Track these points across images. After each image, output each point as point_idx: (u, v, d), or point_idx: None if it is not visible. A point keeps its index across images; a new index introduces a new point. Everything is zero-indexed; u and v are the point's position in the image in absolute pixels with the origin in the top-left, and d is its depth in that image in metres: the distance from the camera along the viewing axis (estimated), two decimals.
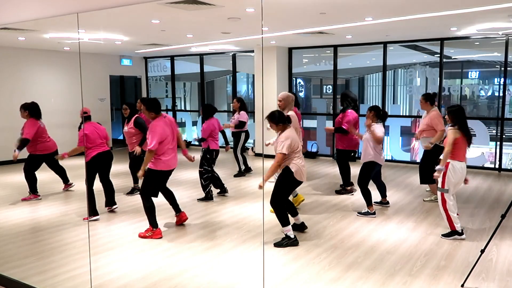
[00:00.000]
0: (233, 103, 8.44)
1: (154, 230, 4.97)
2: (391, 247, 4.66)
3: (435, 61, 9.55)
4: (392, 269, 4.10)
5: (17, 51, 8.60)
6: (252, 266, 4.22)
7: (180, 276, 3.98)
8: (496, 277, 3.92)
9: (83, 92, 4.90)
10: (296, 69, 11.00)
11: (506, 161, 9.92)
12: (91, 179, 5.68)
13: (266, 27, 7.10)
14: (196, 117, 12.91)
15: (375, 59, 10.50)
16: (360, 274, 3.99)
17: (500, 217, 3.71)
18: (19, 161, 6.47)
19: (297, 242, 4.67)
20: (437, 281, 3.85)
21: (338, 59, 10.08)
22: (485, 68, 13.07)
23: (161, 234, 4.97)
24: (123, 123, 6.85)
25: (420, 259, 4.33)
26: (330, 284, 3.81)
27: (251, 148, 10.93)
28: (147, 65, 12.78)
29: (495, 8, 5.44)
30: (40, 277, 3.98)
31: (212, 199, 6.49)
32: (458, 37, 8.52)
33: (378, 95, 13.82)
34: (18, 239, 5.04)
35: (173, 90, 12.64)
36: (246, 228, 5.30)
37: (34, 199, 6.46)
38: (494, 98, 12.60)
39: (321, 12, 5.67)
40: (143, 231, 5.00)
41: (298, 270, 4.11)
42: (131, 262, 4.34)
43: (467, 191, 6.85)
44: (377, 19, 6.42)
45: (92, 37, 7.72)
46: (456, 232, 4.84)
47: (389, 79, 13.82)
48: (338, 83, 10.55)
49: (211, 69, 12.66)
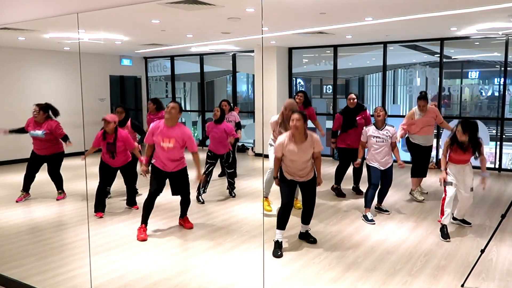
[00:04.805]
0: (222, 106, 7.71)
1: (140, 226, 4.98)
2: (391, 247, 4.66)
3: (435, 61, 9.55)
4: (392, 269, 4.10)
5: (17, 51, 8.60)
6: (252, 266, 4.22)
7: (180, 276, 3.98)
8: (496, 277, 3.92)
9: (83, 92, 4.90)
10: (296, 69, 10.99)
11: (506, 161, 9.92)
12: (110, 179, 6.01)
13: (266, 27, 7.09)
14: (196, 117, 12.91)
15: (375, 59, 10.50)
16: (360, 274, 3.99)
17: (500, 217, 3.71)
18: (19, 161, 6.48)
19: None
20: (437, 281, 3.85)
21: (338, 59, 10.08)
22: (485, 68, 13.06)
23: (143, 235, 4.91)
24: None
25: (420, 259, 4.33)
26: (330, 284, 3.81)
27: (251, 148, 10.93)
28: (147, 65, 12.78)
29: (495, 8, 5.44)
30: (40, 277, 3.98)
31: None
32: (458, 37, 8.52)
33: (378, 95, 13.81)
34: (18, 239, 5.03)
35: (173, 90, 12.64)
36: (246, 228, 5.30)
37: (25, 199, 6.46)
38: (494, 98, 12.59)
39: (321, 12, 5.68)
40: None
41: (298, 270, 4.11)
42: (131, 262, 4.34)
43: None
44: (377, 19, 6.42)
45: (92, 37, 7.71)
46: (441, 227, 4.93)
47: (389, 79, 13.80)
48: (338, 83, 10.55)
49: (211, 69, 12.66)
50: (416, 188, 6.56)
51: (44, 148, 6.35)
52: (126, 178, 6.02)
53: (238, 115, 8.18)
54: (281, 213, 4.58)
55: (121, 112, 6.40)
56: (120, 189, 6.31)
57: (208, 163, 6.47)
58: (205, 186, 6.45)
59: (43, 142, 6.30)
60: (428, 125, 6.45)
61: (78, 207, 6.19)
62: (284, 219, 4.57)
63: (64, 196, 6.63)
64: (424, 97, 6.45)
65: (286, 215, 4.57)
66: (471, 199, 5.07)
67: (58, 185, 6.59)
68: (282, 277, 3.97)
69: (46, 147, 6.33)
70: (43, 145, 6.32)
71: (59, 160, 6.49)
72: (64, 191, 6.65)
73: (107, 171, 5.85)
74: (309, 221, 4.79)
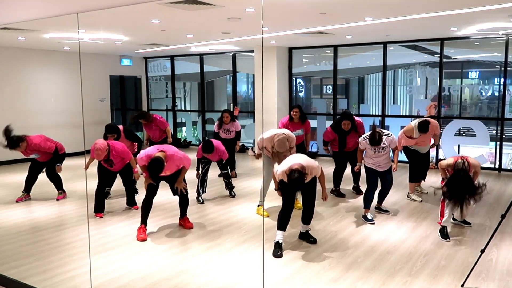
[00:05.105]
0: (224, 117, 7.95)
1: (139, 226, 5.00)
2: (391, 247, 4.66)
3: (435, 61, 9.55)
4: (392, 269, 4.10)
5: (17, 51, 8.60)
6: (252, 266, 4.22)
7: (180, 276, 3.98)
8: (496, 277, 3.92)
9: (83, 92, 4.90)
10: (296, 69, 10.99)
11: (506, 161, 9.92)
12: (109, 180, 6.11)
13: (266, 27, 7.10)
14: (196, 117, 12.90)
15: (375, 59, 10.50)
16: (360, 274, 3.99)
17: (500, 217, 3.71)
18: (19, 161, 6.49)
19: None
20: (437, 281, 3.85)
21: (338, 59, 10.08)
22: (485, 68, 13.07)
23: (143, 235, 4.92)
24: (124, 124, 6.85)
25: (420, 259, 4.33)
26: (330, 284, 3.81)
27: (251, 148, 10.93)
28: (147, 65, 12.78)
29: (495, 8, 5.44)
30: (40, 277, 3.98)
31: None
32: (458, 37, 8.51)
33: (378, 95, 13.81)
34: (18, 239, 5.03)
35: (173, 90, 12.64)
36: (246, 228, 5.30)
37: (25, 200, 6.48)
38: (494, 98, 12.59)
39: (321, 12, 5.67)
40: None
41: (298, 270, 4.11)
42: (131, 262, 4.33)
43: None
44: (377, 19, 6.41)
45: (92, 37, 7.72)
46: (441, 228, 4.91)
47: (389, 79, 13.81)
48: (338, 83, 10.55)
49: (211, 69, 12.66)
50: (413, 192, 6.56)
51: (43, 158, 6.42)
52: (125, 180, 6.02)
53: (239, 114, 8.19)
54: (282, 214, 4.60)
55: (111, 136, 6.42)
56: (120, 190, 6.31)
57: (203, 162, 6.46)
58: (203, 186, 6.45)
59: (40, 156, 6.37)
60: (426, 139, 6.41)
61: (78, 207, 6.19)
62: (285, 221, 4.58)
63: (64, 196, 6.63)
64: (426, 129, 6.13)
65: (287, 217, 4.60)
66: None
67: (57, 185, 6.60)
68: (282, 277, 3.97)
69: (43, 157, 6.41)
70: (41, 158, 6.40)
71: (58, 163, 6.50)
72: (64, 191, 6.65)
73: (106, 174, 5.87)
74: (309, 222, 4.80)
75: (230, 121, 7.97)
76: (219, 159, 6.56)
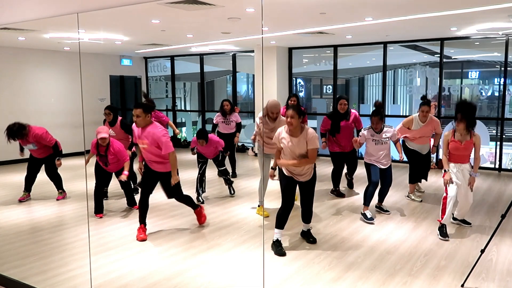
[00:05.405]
0: (224, 105, 8.01)
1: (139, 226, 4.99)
2: (391, 247, 4.66)
3: (435, 61, 9.56)
4: (392, 269, 4.10)
5: (17, 51, 8.61)
6: (252, 266, 4.22)
7: (180, 276, 3.98)
8: (496, 277, 3.92)
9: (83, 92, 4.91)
10: (296, 69, 11.00)
11: (506, 161, 9.93)
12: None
13: (266, 27, 7.10)
14: (196, 117, 12.91)
15: (375, 59, 10.51)
16: (360, 274, 3.99)
17: (500, 217, 3.71)
18: (19, 161, 6.48)
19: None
20: (437, 281, 3.85)
21: (338, 59, 10.08)
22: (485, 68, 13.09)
23: (142, 235, 4.91)
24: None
25: (420, 259, 4.33)
26: (330, 284, 3.81)
27: (251, 148, 10.93)
28: (147, 65, 12.79)
29: (495, 8, 5.44)
30: (40, 277, 3.98)
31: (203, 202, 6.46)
32: (458, 37, 8.52)
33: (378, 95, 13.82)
34: (18, 239, 5.03)
35: (173, 90, 12.65)
36: (246, 228, 5.30)
37: (27, 199, 6.48)
38: (494, 98, 12.60)
39: (321, 12, 5.67)
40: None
41: (298, 270, 4.11)
42: (131, 262, 4.33)
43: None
44: (377, 19, 6.42)
45: (92, 37, 7.72)
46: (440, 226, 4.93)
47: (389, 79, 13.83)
48: (338, 83, 10.55)
49: (211, 69, 12.67)
50: (413, 192, 6.55)
51: (40, 153, 6.39)
52: (122, 182, 5.98)
53: (238, 114, 8.20)
54: (280, 213, 4.60)
55: (108, 113, 6.46)
56: (120, 190, 6.30)
57: (200, 162, 6.47)
58: (202, 186, 6.45)
59: (37, 149, 6.34)
60: (425, 136, 6.34)
61: (78, 207, 6.19)
62: (283, 219, 4.59)
63: (64, 196, 6.63)
64: (427, 102, 6.23)
65: (285, 215, 4.59)
66: (471, 199, 5.07)
67: (57, 185, 6.59)
68: (282, 277, 3.97)
69: (40, 152, 6.38)
70: (38, 152, 6.37)
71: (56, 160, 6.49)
72: (64, 191, 6.65)
73: (102, 174, 5.86)
74: (309, 220, 4.80)
75: (230, 110, 7.99)
76: (215, 155, 6.54)
